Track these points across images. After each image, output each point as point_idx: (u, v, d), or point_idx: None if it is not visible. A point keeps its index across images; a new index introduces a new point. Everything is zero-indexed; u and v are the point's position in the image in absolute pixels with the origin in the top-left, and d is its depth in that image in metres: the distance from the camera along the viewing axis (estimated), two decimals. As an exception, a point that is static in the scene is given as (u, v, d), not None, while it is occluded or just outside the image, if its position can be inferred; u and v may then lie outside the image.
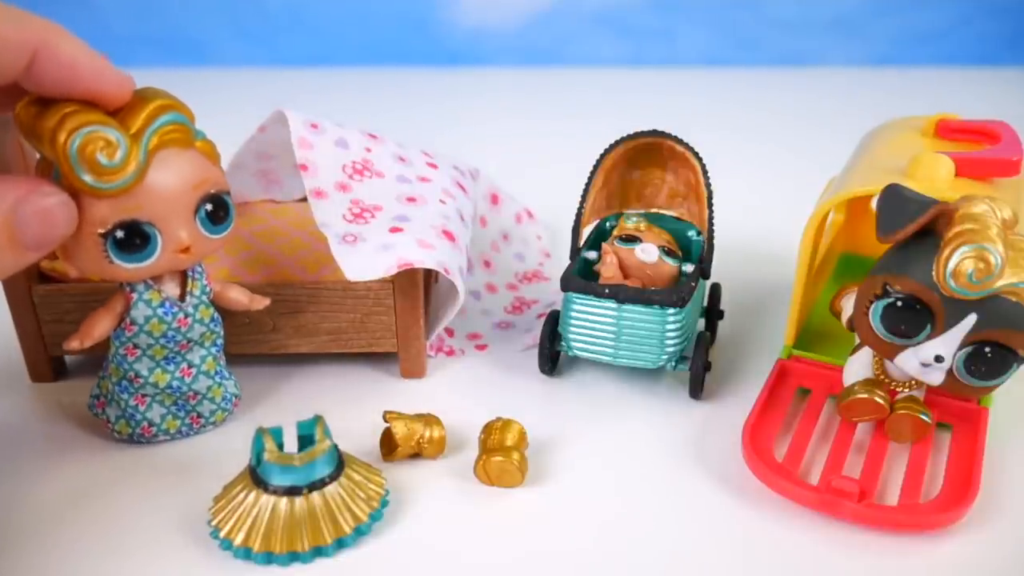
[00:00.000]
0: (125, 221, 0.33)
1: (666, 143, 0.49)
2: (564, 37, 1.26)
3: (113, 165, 0.32)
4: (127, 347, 0.39)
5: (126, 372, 0.39)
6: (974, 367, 0.36)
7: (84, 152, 0.31)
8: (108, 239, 0.34)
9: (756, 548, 0.37)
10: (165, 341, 0.39)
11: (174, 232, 0.35)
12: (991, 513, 0.38)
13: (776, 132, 0.96)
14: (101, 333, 0.38)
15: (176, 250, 0.35)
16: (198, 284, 0.39)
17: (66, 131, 0.31)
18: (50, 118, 0.31)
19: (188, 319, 0.39)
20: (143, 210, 0.34)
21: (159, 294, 0.38)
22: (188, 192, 0.35)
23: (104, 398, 0.41)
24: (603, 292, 0.44)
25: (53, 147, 0.31)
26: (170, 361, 0.40)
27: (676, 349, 0.44)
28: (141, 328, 0.38)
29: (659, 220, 0.50)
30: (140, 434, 0.41)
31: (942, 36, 1.23)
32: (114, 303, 0.38)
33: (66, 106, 0.31)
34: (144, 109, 0.33)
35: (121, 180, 0.32)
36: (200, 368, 0.41)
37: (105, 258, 0.34)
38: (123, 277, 0.36)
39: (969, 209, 0.35)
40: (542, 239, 0.61)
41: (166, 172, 0.34)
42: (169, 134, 0.33)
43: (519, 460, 0.39)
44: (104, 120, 0.32)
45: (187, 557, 0.36)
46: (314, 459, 0.35)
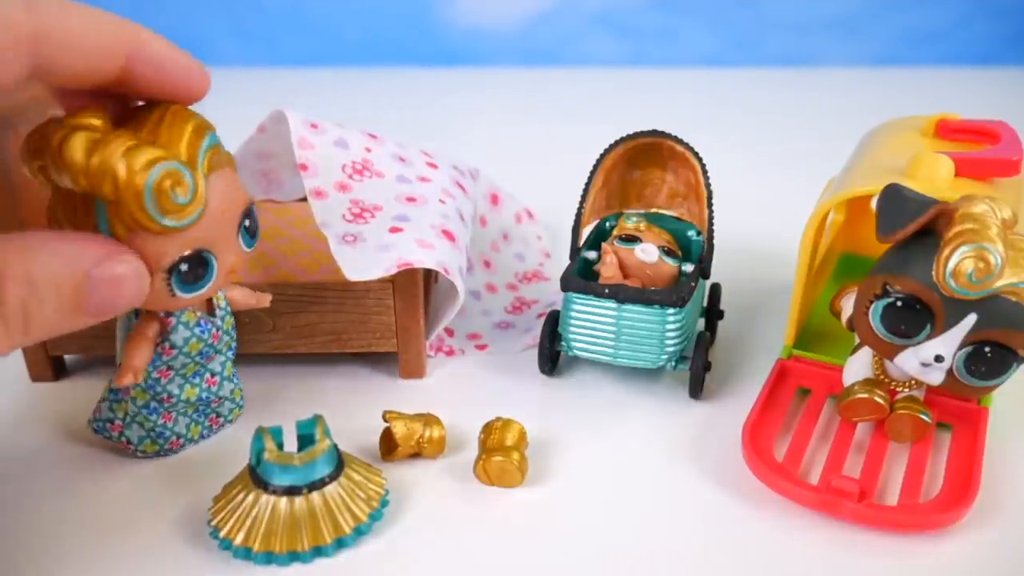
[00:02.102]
0: (189, 255, 0.32)
1: (666, 143, 0.49)
2: (564, 37, 1.25)
3: (185, 202, 0.30)
4: (161, 370, 0.38)
5: (158, 394, 0.38)
6: (974, 367, 0.36)
7: (158, 192, 0.29)
8: (172, 273, 0.32)
9: (756, 548, 0.37)
10: (199, 358, 0.39)
11: (226, 256, 0.34)
12: (991, 513, 0.38)
13: (776, 132, 0.96)
14: (146, 362, 0.37)
15: (227, 272, 0.34)
16: (221, 297, 0.39)
17: (136, 169, 0.28)
18: (109, 154, 0.28)
19: (219, 332, 0.39)
20: (203, 239, 0.32)
21: (194, 314, 0.37)
22: (236, 212, 0.33)
23: (120, 421, 0.40)
24: (603, 292, 0.44)
25: (117, 186, 0.28)
26: (197, 375, 0.40)
27: (676, 349, 0.44)
28: (180, 350, 0.37)
29: (659, 220, 0.50)
30: (168, 448, 0.41)
31: (942, 36, 1.23)
32: (147, 330, 0.36)
33: (121, 138, 0.29)
34: (183, 133, 0.30)
35: (191, 217, 0.30)
36: (222, 375, 0.41)
37: (168, 292, 0.32)
38: (180, 307, 0.35)
39: (969, 209, 0.35)
40: (542, 239, 0.61)
41: (219, 197, 0.32)
42: (214, 157, 0.32)
43: (519, 460, 0.39)
44: (167, 154, 0.29)
45: (187, 557, 0.36)
46: (314, 459, 0.35)
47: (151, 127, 0.30)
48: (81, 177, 0.28)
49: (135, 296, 0.30)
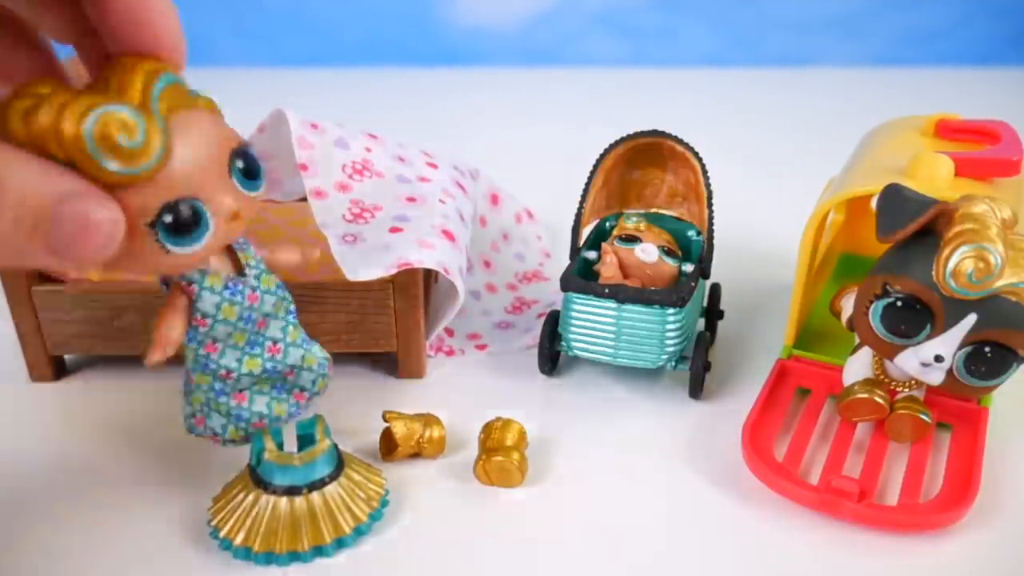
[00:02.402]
0: (169, 203, 0.29)
1: (666, 143, 0.49)
2: (564, 37, 1.25)
3: (137, 145, 0.27)
4: (206, 344, 0.35)
5: (215, 372, 0.36)
6: (974, 367, 0.36)
7: (103, 138, 0.27)
8: (158, 227, 0.29)
9: (756, 548, 0.37)
10: (243, 324, 0.35)
11: (220, 200, 0.31)
12: (991, 513, 0.38)
13: (776, 132, 0.96)
14: (179, 335, 0.35)
15: (228, 219, 0.31)
16: (248, 254, 0.36)
17: (73, 120, 0.27)
18: (44, 113, 0.27)
19: (256, 292, 0.35)
20: (182, 185, 0.29)
21: (218, 277, 0.34)
22: (217, 153, 0.31)
23: (200, 413, 0.37)
24: (603, 292, 0.44)
25: (60, 142, 0.27)
26: (253, 344, 0.36)
27: (676, 349, 0.44)
28: (215, 318, 0.34)
29: (659, 220, 0.50)
30: (255, 432, 0.37)
31: (942, 36, 1.23)
32: (176, 300, 0.34)
33: (57, 95, 0.27)
34: (136, 77, 0.28)
35: (151, 160, 0.28)
36: (286, 341, 0.37)
37: (161, 250, 0.30)
38: (185, 265, 0.32)
39: (969, 209, 0.35)
40: (542, 239, 0.61)
41: (188, 138, 0.30)
42: (174, 97, 0.29)
43: (519, 460, 0.39)
44: (107, 98, 0.27)
45: (187, 557, 0.36)
46: (314, 459, 0.35)
47: (103, 81, 0.29)
48: (28, 144, 0.27)
49: (103, 243, 0.27)
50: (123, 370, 0.49)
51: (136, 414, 0.45)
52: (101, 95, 0.28)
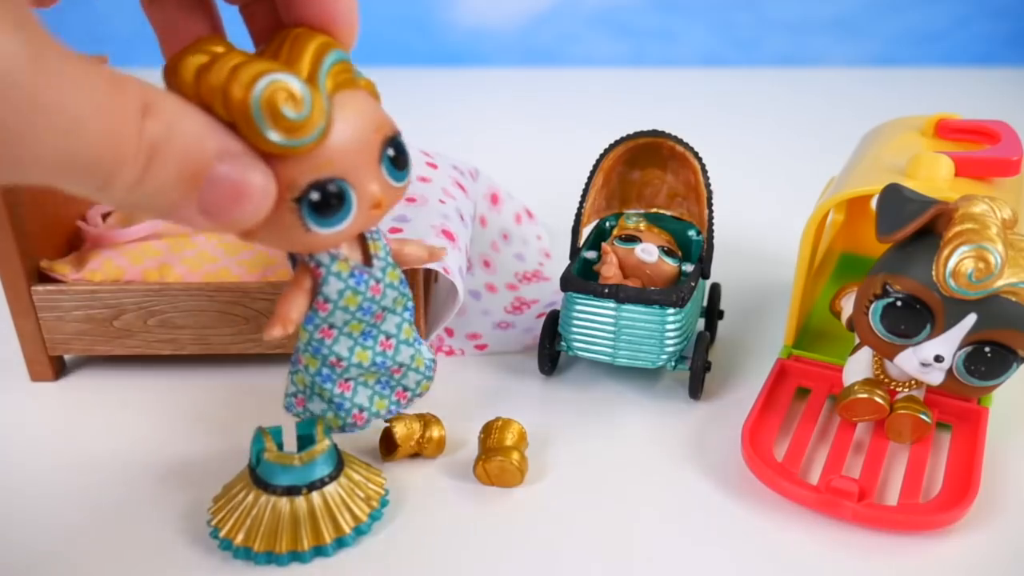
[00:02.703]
0: (319, 181, 0.29)
1: (666, 143, 0.49)
2: (564, 37, 1.26)
3: (301, 118, 0.27)
4: (322, 329, 0.35)
5: (326, 357, 0.35)
6: (974, 367, 0.36)
7: (268, 106, 0.26)
8: (303, 204, 0.29)
9: (756, 548, 0.37)
10: (361, 314, 0.35)
11: (366, 186, 0.30)
12: (991, 513, 0.38)
13: (776, 132, 0.96)
14: (299, 314, 0.34)
15: (370, 206, 0.31)
16: (379, 245, 0.35)
17: (242, 84, 0.26)
18: (215, 73, 0.26)
19: (380, 285, 0.35)
20: (334, 165, 0.29)
21: (347, 263, 0.34)
22: (372, 138, 0.30)
23: (302, 394, 0.37)
24: (603, 292, 0.44)
25: (227, 103, 0.26)
26: (367, 336, 0.36)
27: (676, 349, 0.44)
28: (336, 304, 0.34)
29: (659, 220, 0.50)
30: (352, 423, 0.37)
31: (942, 36, 1.23)
32: (302, 280, 0.34)
33: (231, 56, 0.27)
34: (307, 49, 0.28)
35: (311, 135, 0.27)
36: (399, 337, 0.37)
37: (301, 227, 0.29)
38: (321, 246, 0.32)
39: (969, 209, 0.35)
40: (542, 239, 0.61)
41: (348, 119, 0.29)
42: (341, 75, 0.29)
43: (519, 460, 0.39)
44: (278, 66, 0.27)
45: (187, 557, 0.36)
46: (314, 459, 0.35)
47: (274, 47, 0.28)
48: (195, 98, 0.27)
49: (253, 210, 0.27)
50: (123, 370, 0.49)
51: (136, 414, 0.45)
52: (272, 63, 0.27)
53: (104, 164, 0.23)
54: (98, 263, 0.46)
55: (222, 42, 0.28)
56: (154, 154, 0.24)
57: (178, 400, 0.46)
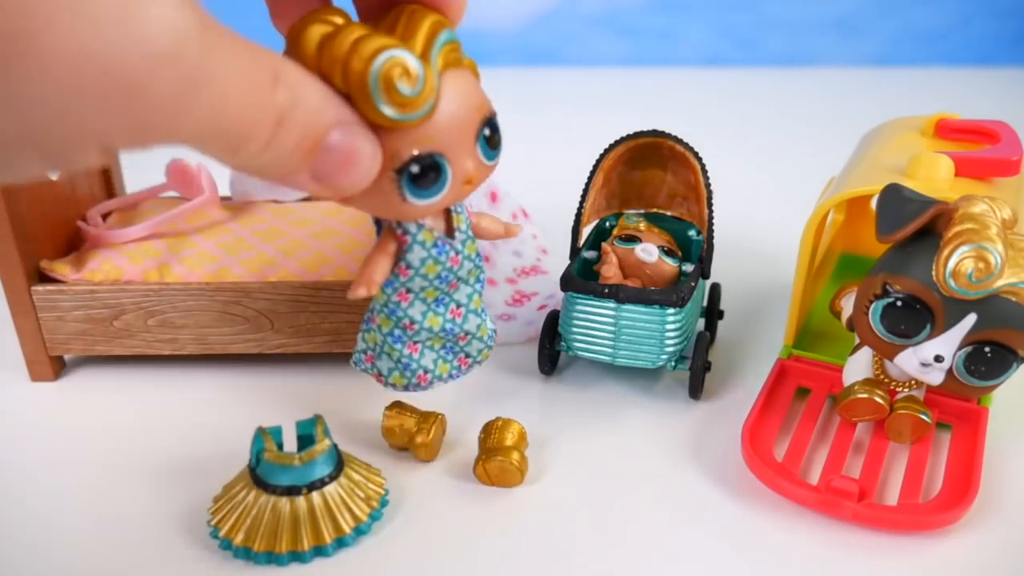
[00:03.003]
0: (421, 154, 0.30)
1: (666, 143, 0.49)
2: (564, 37, 1.25)
3: (413, 94, 0.28)
4: (399, 292, 0.36)
5: (399, 320, 0.36)
6: (974, 367, 0.36)
7: (384, 80, 0.27)
8: (402, 175, 0.30)
9: (756, 548, 0.37)
10: (439, 282, 0.36)
11: (462, 162, 0.31)
12: (991, 513, 0.38)
13: (776, 132, 0.96)
14: (382, 277, 0.35)
15: (463, 181, 0.32)
16: (462, 218, 0.36)
17: (363, 58, 0.27)
18: (338, 45, 0.27)
19: (459, 256, 0.36)
20: (436, 141, 0.30)
21: (431, 233, 0.35)
22: (472, 117, 0.31)
23: (371, 352, 0.39)
24: (603, 292, 0.44)
25: (346, 75, 0.27)
26: (439, 303, 0.37)
27: (676, 349, 0.44)
28: (417, 271, 0.35)
29: (659, 220, 0.50)
30: (416, 383, 0.38)
31: (942, 36, 1.23)
32: (387, 244, 0.35)
33: (352, 28, 0.28)
34: (421, 27, 0.29)
35: (420, 111, 0.29)
36: (468, 307, 0.38)
37: (399, 196, 0.30)
38: (413, 216, 0.33)
39: (969, 209, 0.35)
40: (537, 237, 0.61)
41: (453, 97, 0.30)
42: (450, 54, 0.30)
43: (519, 460, 0.39)
44: (397, 42, 0.28)
45: (187, 557, 0.36)
46: (313, 459, 0.35)
47: (389, 22, 0.29)
48: (314, 67, 0.28)
49: (360, 178, 0.28)
50: (123, 370, 0.49)
51: (136, 414, 0.45)
52: (391, 39, 0.28)
53: (240, 131, 0.23)
54: (98, 263, 0.46)
55: (341, 13, 0.29)
56: (280, 122, 0.25)
57: (178, 400, 0.46)
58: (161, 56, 0.20)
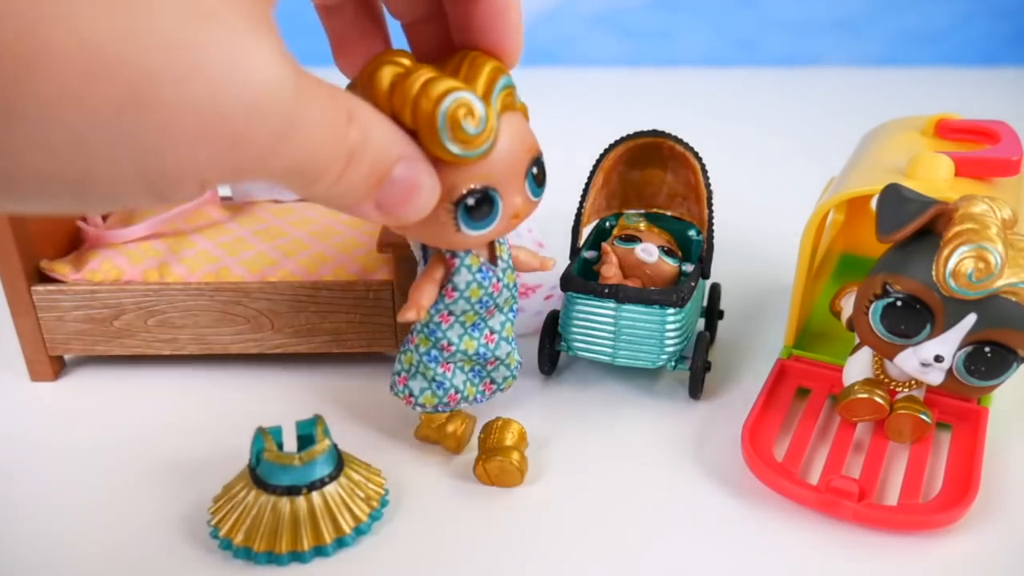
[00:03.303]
0: (477, 189, 0.32)
1: (666, 143, 0.49)
2: (564, 37, 1.25)
3: (476, 132, 0.30)
4: (442, 315, 0.38)
5: (438, 340, 0.39)
6: (974, 367, 0.36)
7: (451, 119, 0.30)
8: (459, 207, 0.33)
9: (756, 548, 0.37)
10: (479, 307, 0.38)
11: (512, 198, 0.34)
12: (991, 513, 0.38)
13: (776, 132, 0.96)
14: (429, 301, 0.37)
15: (511, 215, 0.35)
16: (504, 249, 0.39)
17: (432, 98, 0.29)
18: (409, 86, 0.30)
19: (499, 284, 0.38)
20: (491, 177, 0.33)
21: (477, 259, 0.37)
22: (523, 156, 0.34)
23: (405, 372, 0.40)
24: (603, 292, 0.44)
25: (415, 113, 0.30)
26: (476, 327, 0.39)
27: (676, 349, 0.44)
28: (461, 294, 0.37)
29: (659, 220, 0.50)
30: (446, 403, 0.40)
31: (942, 36, 1.23)
32: (434, 271, 0.37)
33: (421, 71, 0.30)
34: (483, 72, 0.31)
35: (481, 148, 0.31)
36: (501, 334, 0.40)
37: (454, 226, 0.33)
38: (464, 245, 0.36)
39: (969, 209, 0.35)
40: (533, 231, 0.61)
41: (507, 137, 0.33)
42: (507, 98, 0.32)
43: (519, 460, 0.39)
44: (462, 85, 0.30)
45: (187, 557, 0.36)
46: (314, 459, 0.35)
47: (453, 65, 0.31)
48: (385, 104, 0.30)
49: (420, 208, 0.30)
50: (123, 370, 0.49)
51: (136, 414, 0.45)
52: (457, 81, 0.30)
53: (317, 169, 0.25)
54: (98, 263, 0.46)
55: (407, 55, 0.31)
56: (351, 158, 0.26)
57: (178, 400, 0.46)
58: (260, 108, 0.22)
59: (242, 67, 0.21)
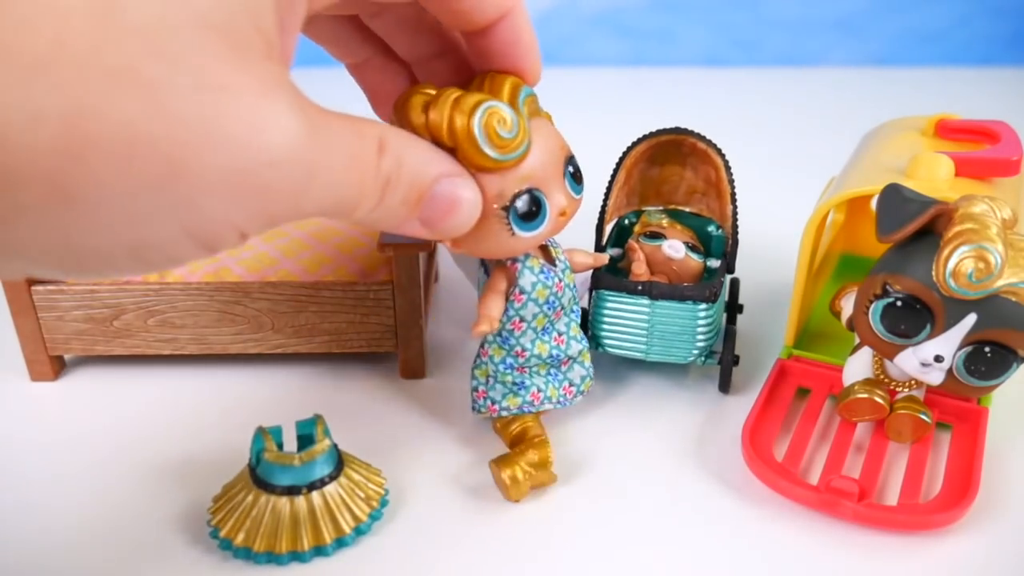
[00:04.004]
0: (522, 191, 0.34)
1: (687, 140, 0.49)
2: (564, 37, 1.25)
3: (511, 136, 0.32)
4: (514, 321, 0.39)
5: (512, 348, 0.40)
6: (974, 367, 0.36)
7: (486, 127, 0.32)
8: (510, 211, 0.34)
9: (756, 548, 0.37)
10: (547, 308, 0.39)
11: (556, 196, 0.36)
12: (991, 513, 0.38)
13: (776, 132, 0.96)
14: (499, 313, 0.39)
15: (558, 214, 0.36)
16: (559, 251, 0.41)
17: (464, 112, 0.31)
18: (440, 107, 0.32)
19: (562, 283, 0.40)
20: (534, 178, 0.34)
21: (538, 260, 0.39)
22: (559, 156, 0.36)
23: (483, 386, 0.41)
24: (636, 288, 0.44)
25: (453, 132, 0.31)
26: (546, 331, 0.41)
27: (706, 344, 0.45)
28: (529, 296, 0.39)
29: (679, 216, 0.51)
30: (530, 401, 0.41)
31: (942, 36, 1.23)
32: (498, 283, 0.39)
33: (449, 92, 0.32)
34: (506, 83, 0.33)
35: (519, 150, 0.33)
36: (568, 334, 0.41)
37: (507, 231, 0.35)
38: (521, 249, 0.37)
39: (969, 209, 0.35)
40: None
41: (541, 140, 0.35)
42: (531, 105, 0.34)
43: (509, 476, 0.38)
44: (489, 96, 0.32)
45: (187, 557, 0.36)
46: (314, 459, 0.35)
47: (476, 85, 0.33)
48: (424, 131, 0.32)
49: (463, 222, 0.32)
50: (123, 370, 0.49)
51: (136, 414, 0.45)
52: (484, 94, 0.32)
53: (352, 200, 0.27)
54: (98, 263, 0.46)
55: (432, 85, 0.33)
56: (387, 185, 0.28)
57: (178, 400, 0.46)
58: (279, 163, 0.23)
59: (258, 129, 0.23)
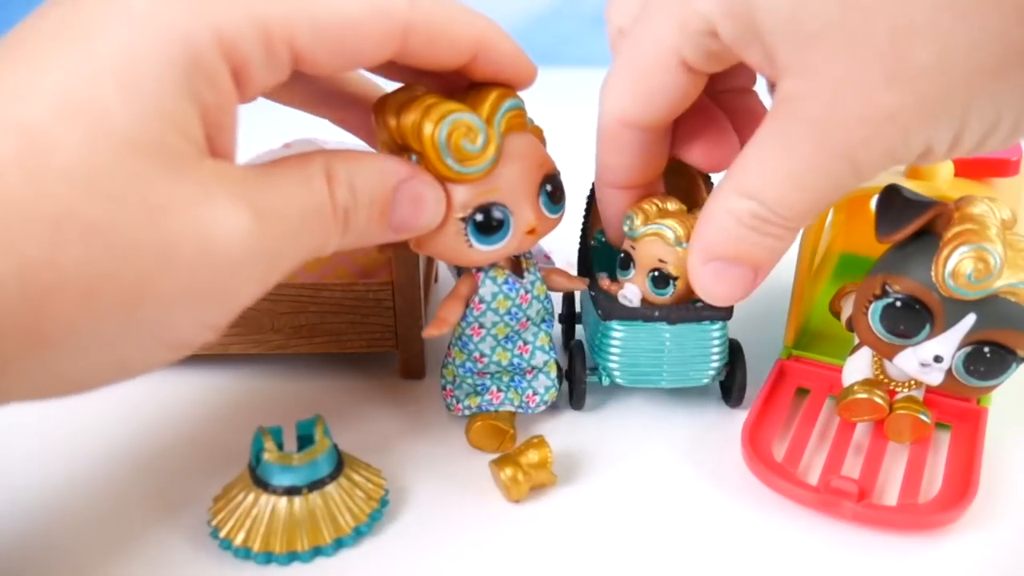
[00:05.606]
0: (484, 204, 0.35)
1: None
2: (564, 37, 1.25)
3: (476, 150, 0.33)
4: (473, 327, 0.40)
5: (471, 353, 0.41)
6: (973, 367, 0.36)
7: (451, 139, 0.32)
8: (468, 223, 0.35)
9: (756, 548, 0.37)
10: (508, 319, 0.40)
11: (523, 213, 0.36)
12: (990, 513, 0.38)
13: (776, 132, 0.96)
14: (454, 318, 0.39)
15: (525, 231, 0.36)
16: (531, 263, 0.41)
17: (432, 121, 0.32)
18: (412, 111, 0.33)
19: (528, 296, 0.40)
20: (499, 193, 0.35)
21: (502, 272, 0.39)
22: (533, 173, 0.36)
23: (451, 385, 0.42)
24: (653, 315, 0.41)
25: (419, 138, 0.32)
26: (509, 340, 0.41)
27: (720, 364, 0.43)
28: (488, 305, 0.39)
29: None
30: (489, 400, 0.42)
31: (942, 36, 1.22)
32: (460, 290, 0.39)
33: (426, 98, 0.33)
34: (489, 96, 0.34)
35: (483, 164, 0.34)
36: (535, 344, 0.42)
37: (465, 242, 0.35)
38: (480, 261, 0.37)
39: (968, 209, 0.35)
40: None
41: (515, 155, 0.35)
42: (514, 119, 0.35)
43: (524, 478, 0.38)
44: (463, 108, 0.33)
45: (187, 557, 0.36)
46: (313, 459, 0.35)
47: (462, 93, 0.34)
48: (395, 134, 0.33)
49: (432, 218, 0.33)
50: (123, 370, 0.49)
51: (135, 414, 0.45)
52: (458, 104, 0.33)
53: (318, 248, 0.29)
54: (98, 263, 0.46)
55: (421, 86, 0.34)
56: (347, 215, 0.29)
57: (177, 400, 0.46)
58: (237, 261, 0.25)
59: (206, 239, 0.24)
